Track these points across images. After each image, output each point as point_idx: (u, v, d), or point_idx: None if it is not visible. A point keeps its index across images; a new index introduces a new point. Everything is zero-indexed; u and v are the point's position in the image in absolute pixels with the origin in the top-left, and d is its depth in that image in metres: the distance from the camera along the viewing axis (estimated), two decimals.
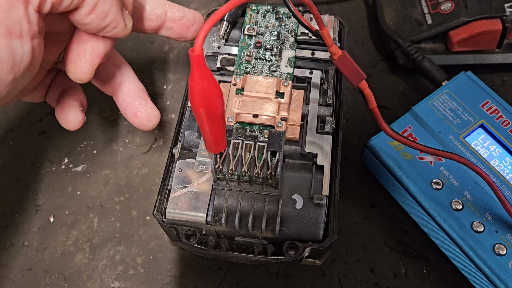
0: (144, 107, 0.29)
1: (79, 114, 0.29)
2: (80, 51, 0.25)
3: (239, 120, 0.28)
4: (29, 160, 0.37)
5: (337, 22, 0.33)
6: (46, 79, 0.30)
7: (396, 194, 0.32)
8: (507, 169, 0.31)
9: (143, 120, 0.29)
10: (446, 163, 0.31)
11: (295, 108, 0.29)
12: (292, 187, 0.27)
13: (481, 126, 0.32)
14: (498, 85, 0.39)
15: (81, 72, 0.25)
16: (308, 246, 0.25)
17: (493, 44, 0.37)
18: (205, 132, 0.23)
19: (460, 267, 0.30)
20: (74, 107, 0.29)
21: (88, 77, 0.26)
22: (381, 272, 0.32)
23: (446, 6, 0.37)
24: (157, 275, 0.32)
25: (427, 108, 0.33)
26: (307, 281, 0.32)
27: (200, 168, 0.27)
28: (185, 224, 0.27)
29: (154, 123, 0.30)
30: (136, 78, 0.30)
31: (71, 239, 0.34)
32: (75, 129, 0.29)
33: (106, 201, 0.35)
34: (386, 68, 0.40)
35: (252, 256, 0.26)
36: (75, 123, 0.29)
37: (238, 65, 0.30)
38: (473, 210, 0.29)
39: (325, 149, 0.28)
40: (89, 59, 0.25)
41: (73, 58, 0.25)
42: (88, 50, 0.25)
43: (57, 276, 0.33)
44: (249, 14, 0.32)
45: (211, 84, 0.20)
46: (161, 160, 0.37)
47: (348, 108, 0.38)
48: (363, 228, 0.33)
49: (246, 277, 0.32)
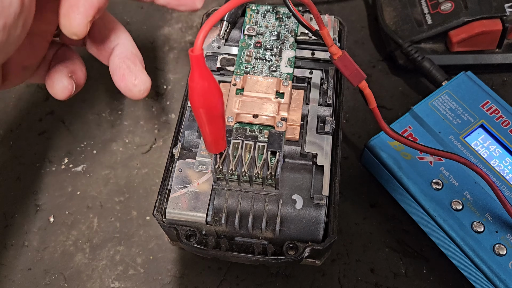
0: (131, 70, 0.27)
1: (64, 79, 0.27)
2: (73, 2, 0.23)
3: (239, 120, 0.28)
4: (29, 160, 0.37)
5: (337, 22, 0.33)
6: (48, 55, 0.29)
7: (396, 194, 0.32)
8: (507, 169, 0.31)
9: (128, 83, 0.27)
10: (446, 163, 0.31)
11: (295, 108, 0.29)
12: (292, 187, 0.27)
13: (481, 126, 0.32)
14: (498, 85, 0.39)
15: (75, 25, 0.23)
16: (308, 246, 0.25)
17: (493, 44, 0.37)
18: (205, 132, 0.23)
19: (460, 267, 0.30)
20: (60, 72, 0.27)
21: (83, 31, 0.24)
22: (381, 272, 0.32)
23: (446, 6, 0.37)
24: (157, 275, 0.32)
25: (427, 108, 0.33)
26: (307, 281, 0.32)
27: (200, 168, 0.27)
28: (185, 224, 0.27)
29: (141, 89, 0.27)
30: (131, 43, 0.28)
31: (71, 239, 0.34)
32: (61, 97, 0.27)
33: (106, 201, 0.35)
34: (386, 68, 0.40)
35: (252, 256, 0.26)
36: (60, 88, 0.27)
37: (238, 65, 0.30)
38: (473, 210, 0.29)
39: (325, 149, 0.28)
40: (82, 10, 0.23)
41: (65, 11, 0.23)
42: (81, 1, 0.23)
43: (57, 276, 0.33)
44: (249, 14, 0.32)
45: (211, 84, 0.20)
46: (161, 160, 0.37)
47: (348, 108, 0.38)
48: (363, 228, 0.33)
49: (246, 277, 0.32)
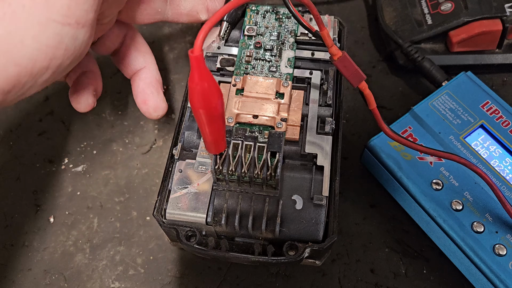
0: (155, 97, 0.30)
1: (90, 98, 0.29)
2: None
3: (239, 121, 0.28)
4: (29, 160, 0.37)
5: (337, 22, 0.33)
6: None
7: (396, 194, 0.32)
8: (507, 170, 0.31)
9: (150, 108, 0.30)
10: (446, 163, 0.31)
11: (295, 109, 0.29)
12: (292, 188, 0.27)
13: (481, 126, 0.32)
14: (498, 85, 0.39)
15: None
16: (308, 247, 0.25)
17: (493, 44, 0.37)
18: (205, 132, 0.23)
19: (460, 267, 0.30)
20: (88, 90, 0.29)
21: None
22: (381, 272, 0.32)
23: (446, 6, 0.37)
24: (157, 275, 0.32)
25: (427, 109, 0.33)
26: (307, 282, 0.32)
27: (200, 168, 0.27)
28: (185, 225, 0.27)
29: (159, 114, 0.31)
30: (156, 69, 0.32)
31: (71, 239, 0.34)
32: (83, 111, 0.30)
33: (106, 201, 0.35)
34: (386, 69, 0.40)
35: (252, 257, 0.26)
36: (85, 105, 0.29)
37: (238, 65, 0.30)
38: (473, 210, 0.29)
39: (325, 149, 0.28)
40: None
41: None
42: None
43: (57, 276, 0.33)
44: (249, 14, 0.32)
45: (210, 84, 0.20)
46: (161, 161, 0.37)
47: (348, 109, 0.38)
48: (363, 229, 0.33)
49: (246, 278, 0.32)
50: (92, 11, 0.22)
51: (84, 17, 0.22)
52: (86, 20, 0.22)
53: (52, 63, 0.22)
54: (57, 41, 0.21)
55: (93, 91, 0.30)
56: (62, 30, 0.21)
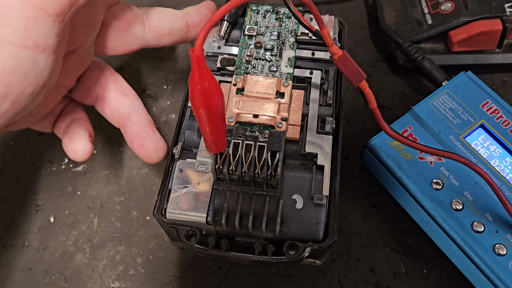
0: (151, 138, 0.29)
1: (87, 144, 0.28)
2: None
3: (239, 120, 0.28)
4: (29, 160, 0.37)
5: (337, 22, 0.33)
6: (57, 108, 0.30)
7: (396, 194, 0.32)
8: (507, 169, 0.31)
9: (149, 151, 0.29)
10: (446, 163, 0.31)
11: (295, 108, 0.29)
12: (292, 187, 0.27)
13: (481, 126, 0.32)
14: (498, 85, 0.39)
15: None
16: (308, 246, 0.25)
17: (493, 44, 0.37)
18: (205, 132, 0.23)
19: (460, 267, 0.30)
20: (83, 136, 0.29)
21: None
22: (381, 272, 0.32)
23: (446, 6, 0.37)
24: (157, 275, 0.32)
25: (427, 108, 0.33)
26: (307, 281, 0.32)
27: (200, 168, 0.27)
28: (185, 224, 0.27)
29: (161, 155, 0.30)
30: (144, 110, 0.30)
31: (71, 239, 0.34)
32: (82, 160, 0.29)
33: (106, 201, 0.35)
34: (386, 68, 0.40)
35: (252, 256, 0.26)
36: (83, 153, 0.28)
37: (238, 65, 0.30)
38: (473, 210, 0.29)
39: (325, 149, 0.28)
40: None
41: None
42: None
43: (57, 276, 0.33)
44: (249, 14, 0.32)
45: (211, 84, 0.20)
46: (162, 160, 0.37)
47: (348, 108, 0.38)
48: (363, 228, 0.33)
49: (246, 277, 0.32)
50: (52, 34, 0.20)
51: (44, 40, 0.20)
52: (46, 44, 0.20)
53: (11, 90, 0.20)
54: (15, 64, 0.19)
55: (88, 137, 0.29)
56: (20, 53, 0.19)
